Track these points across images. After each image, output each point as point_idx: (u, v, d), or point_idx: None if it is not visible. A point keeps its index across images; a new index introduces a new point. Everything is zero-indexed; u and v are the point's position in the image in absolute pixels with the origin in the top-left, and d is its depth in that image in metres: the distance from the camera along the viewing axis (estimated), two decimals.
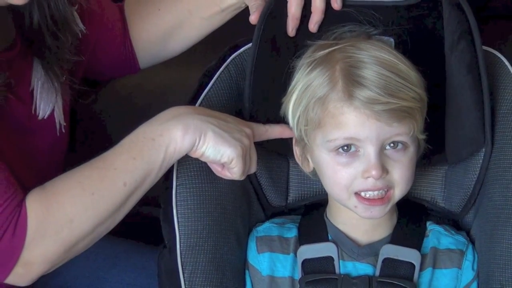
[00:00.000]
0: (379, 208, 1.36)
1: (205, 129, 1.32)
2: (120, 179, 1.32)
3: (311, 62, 1.38)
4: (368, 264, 1.42)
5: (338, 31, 1.42)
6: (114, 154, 1.33)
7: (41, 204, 1.30)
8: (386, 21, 1.43)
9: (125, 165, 1.32)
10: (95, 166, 1.33)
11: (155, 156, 1.32)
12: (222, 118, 1.36)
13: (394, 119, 1.32)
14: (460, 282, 1.42)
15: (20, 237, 1.28)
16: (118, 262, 1.74)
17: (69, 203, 1.30)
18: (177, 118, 1.33)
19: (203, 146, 1.33)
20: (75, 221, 1.31)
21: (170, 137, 1.32)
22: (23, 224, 1.28)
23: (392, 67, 1.34)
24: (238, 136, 1.34)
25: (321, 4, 1.43)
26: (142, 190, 1.35)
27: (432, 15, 1.44)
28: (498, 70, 1.45)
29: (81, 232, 1.32)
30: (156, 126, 1.33)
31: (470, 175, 1.44)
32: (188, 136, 1.32)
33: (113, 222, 1.35)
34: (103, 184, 1.31)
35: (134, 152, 1.32)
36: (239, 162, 1.34)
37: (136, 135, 1.34)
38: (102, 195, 1.31)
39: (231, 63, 1.48)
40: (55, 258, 1.32)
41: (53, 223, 1.30)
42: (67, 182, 1.32)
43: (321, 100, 1.35)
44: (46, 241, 1.30)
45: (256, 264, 1.46)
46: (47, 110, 1.48)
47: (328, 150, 1.36)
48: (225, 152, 1.34)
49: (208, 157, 1.34)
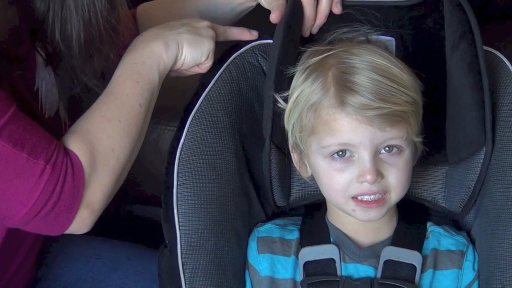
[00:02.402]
0: (375, 210, 1.37)
1: (180, 40, 1.44)
2: (136, 102, 1.41)
3: (304, 68, 1.39)
4: (369, 266, 1.42)
5: (337, 31, 1.43)
6: (118, 84, 1.42)
7: (83, 143, 1.35)
8: (387, 21, 1.44)
9: (133, 89, 1.41)
10: (107, 100, 1.41)
11: (152, 75, 1.43)
12: (186, 23, 1.47)
13: (386, 123, 1.32)
14: (461, 283, 1.42)
15: (80, 177, 1.33)
16: (119, 266, 1.74)
17: (105, 136, 1.37)
18: (155, 39, 1.44)
19: (183, 55, 1.44)
20: (116, 149, 1.38)
21: (157, 57, 1.43)
22: (78, 164, 1.33)
23: (384, 71, 1.34)
24: (206, 33, 1.46)
25: (326, 9, 1.45)
26: (151, 108, 1.44)
27: (433, 15, 1.44)
28: (499, 70, 1.45)
29: (124, 157, 1.39)
30: (140, 51, 1.43)
31: (471, 175, 1.44)
32: (170, 51, 1.43)
33: (140, 142, 1.44)
34: (124, 111, 1.40)
35: (134, 77, 1.41)
36: (213, 56, 1.47)
37: (126, 63, 1.43)
38: (127, 120, 1.39)
39: (232, 63, 1.48)
40: (110, 190, 1.38)
41: (100, 157, 1.36)
42: (93, 119, 1.39)
43: (314, 107, 1.36)
44: (99, 175, 1.35)
45: (255, 264, 1.46)
46: (52, 109, 1.50)
47: (323, 156, 1.37)
48: (203, 51, 1.45)
49: (189, 63, 1.46)
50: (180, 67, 1.46)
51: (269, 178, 1.47)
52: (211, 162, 1.43)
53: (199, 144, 1.43)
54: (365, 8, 1.43)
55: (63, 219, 1.33)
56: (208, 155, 1.43)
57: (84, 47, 1.41)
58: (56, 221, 1.33)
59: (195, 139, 1.43)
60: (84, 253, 1.75)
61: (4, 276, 1.52)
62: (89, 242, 1.77)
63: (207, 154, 1.43)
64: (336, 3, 1.44)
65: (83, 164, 1.34)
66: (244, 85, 1.49)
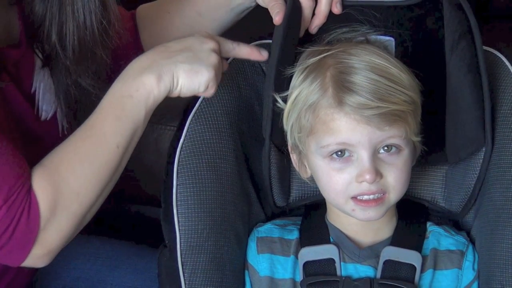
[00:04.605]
0: (374, 209, 1.37)
1: (176, 70, 1.35)
2: (113, 142, 1.34)
3: (303, 69, 1.39)
4: (369, 266, 1.42)
5: (337, 31, 1.43)
6: (99, 119, 1.35)
7: (47, 183, 1.31)
8: (386, 21, 1.44)
9: (112, 128, 1.34)
10: (85, 136, 1.35)
11: (137, 112, 1.35)
12: (187, 47, 1.38)
13: (385, 123, 1.33)
14: (461, 283, 1.42)
15: (35, 220, 1.30)
16: (119, 265, 1.74)
17: (72, 177, 1.32)
18: (147, 69, 1.35)
19: (178, 86, 1.36)
20: (82, 194, 1.33)
21: (147, 90, 1.34)
22: (35, 208, 1.30)
23: (382, 71, 1.34)
24: (207, 60, 1.36)
25: (326, 9, 1.45)
26: (132, 147, 1.37)
27: (433, 15, 1.44)
28: (498, 70, 1.45)
29: (89, 201, 1.34)
30: (130, 82, 1.35)
31: (471, 175, 1.44)
32: (162, 83, 1.35)
33: (112, 185, 1.38)
34: (98, 152, 1.34)
35: (117, 113, 1.34)
36: (215, 83, 1.38)
37: (113, 95, 1.35)
38: (100, 162, 1.34)
39: (232, 63, 1.48)
40: (69, 233, 1.34)
41: (63, 201, 1.32)
42: (64, 157, 1.34)
43: (312, 107, 1.36)
44: (58, 218, 1.32)
45: (255, 264, 1.46)
46: (49, 111, 1.49)
47: (322, 156, 1.37)
48: (200, 82, 1.36)
49: (186, 93, 1.37)
50: (178, 95, 1.38)
51: (269, 178, 1.47)
52: (210, 162, 1.43)
53: (199, 144, 1.43)
54: (364, 8, 1.43)
55: (16, 255, 1.32)
56: (208, 155, 1.43)
57: (78, 48, 1.40)
58: (9, 257, 1.32)
59: (194, 139, 1.43)
60: (84, 252, 1.75)
61: (5, 277, 1.52)
62: (89, 241, 1.77)
63: (207, 154, 1.43)
64: (336, 3, 1.44)
65: (41, 209, 1.30)
66: (243, 85, 1.49)
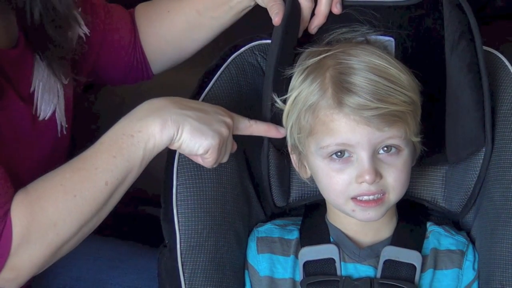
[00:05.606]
0: (374, 209, 1.37)
1: (183, 123, 1.32)
2: (102, 179, 1.31)
3: (302, 69, 1.40)
4: (369, 266, 1.42)
5: (337, 31, 1.43)
6: (94, 153, 1.33)
7: (26, 209, 1.30)
8: (386, 21, 1.44)
9: (105, 164, 1.32)
10: (76, 168, 1.33)
11: (135, 153, 1.33)
12: (202, 109, 1.36)
13: (384, 123, 1.33)
14: (461, 283, 1.42)
15: (6, 244, 1.28)
16: (119, 264, 1.74)
17: (52, 207, 1.30)
18: (155, 113, 1.33)
19: (180, 140, 1.33)
20: (59, 225, 1.31)
21: (148, 133, 1.32)
22: (9, 231, 1.28)
23: (382, 71, 1.34)
24: (216, 127, 1.34)
25: (326, 9, 1.45)
26: (124, 187, 1.35)
27: (433, 15, 1.44)
28: (498, 70, 1.45)
29: (66, 234, 1.32)
30: (134, 122, 1.33)
31: (470, 175, 1.44)
32: (166, 131, 1.32)
33: (97, 221, 1.36)
34: (85, 186, 1.31)
35: (114, 150, 1.32)
36: (214, 153, 1.34)
37: (115, 132, 1.34)
38: (84, 197, 1.31)
39: (232, 63, 1.48)
40: (41, 262, 1.32)
41: (38, 228, 1.30)
42: (49, 185, 1.32)
43: (312, 108, 1.36)
44: (31, 246, 1.30)
45: (255, 264, 1.46)
46: (48, 111, 1.49)
47: (322, 157, 1.37)
48: (202, 144, 1.33)
49: (184, 149, 1.35)
50: (178, 149, 1.36)
51: (268, 179, 1.47)
52: None
53: None
54: (364, 8, 1.43)
55: None
56: None
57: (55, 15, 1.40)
58: None
59: None
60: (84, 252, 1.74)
61: None
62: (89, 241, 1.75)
63: None
64: (335, 3, 1.44)
65: (14, 234, 1.28)
66: (244, 85, 1.49)
